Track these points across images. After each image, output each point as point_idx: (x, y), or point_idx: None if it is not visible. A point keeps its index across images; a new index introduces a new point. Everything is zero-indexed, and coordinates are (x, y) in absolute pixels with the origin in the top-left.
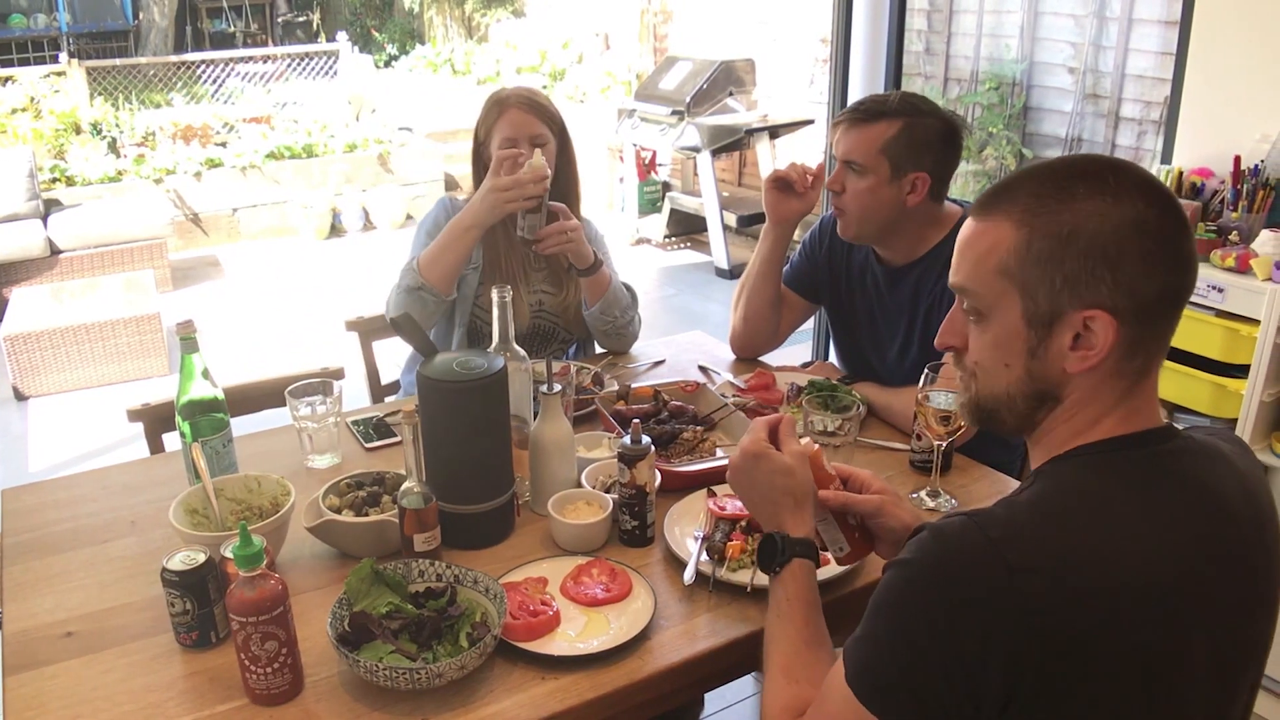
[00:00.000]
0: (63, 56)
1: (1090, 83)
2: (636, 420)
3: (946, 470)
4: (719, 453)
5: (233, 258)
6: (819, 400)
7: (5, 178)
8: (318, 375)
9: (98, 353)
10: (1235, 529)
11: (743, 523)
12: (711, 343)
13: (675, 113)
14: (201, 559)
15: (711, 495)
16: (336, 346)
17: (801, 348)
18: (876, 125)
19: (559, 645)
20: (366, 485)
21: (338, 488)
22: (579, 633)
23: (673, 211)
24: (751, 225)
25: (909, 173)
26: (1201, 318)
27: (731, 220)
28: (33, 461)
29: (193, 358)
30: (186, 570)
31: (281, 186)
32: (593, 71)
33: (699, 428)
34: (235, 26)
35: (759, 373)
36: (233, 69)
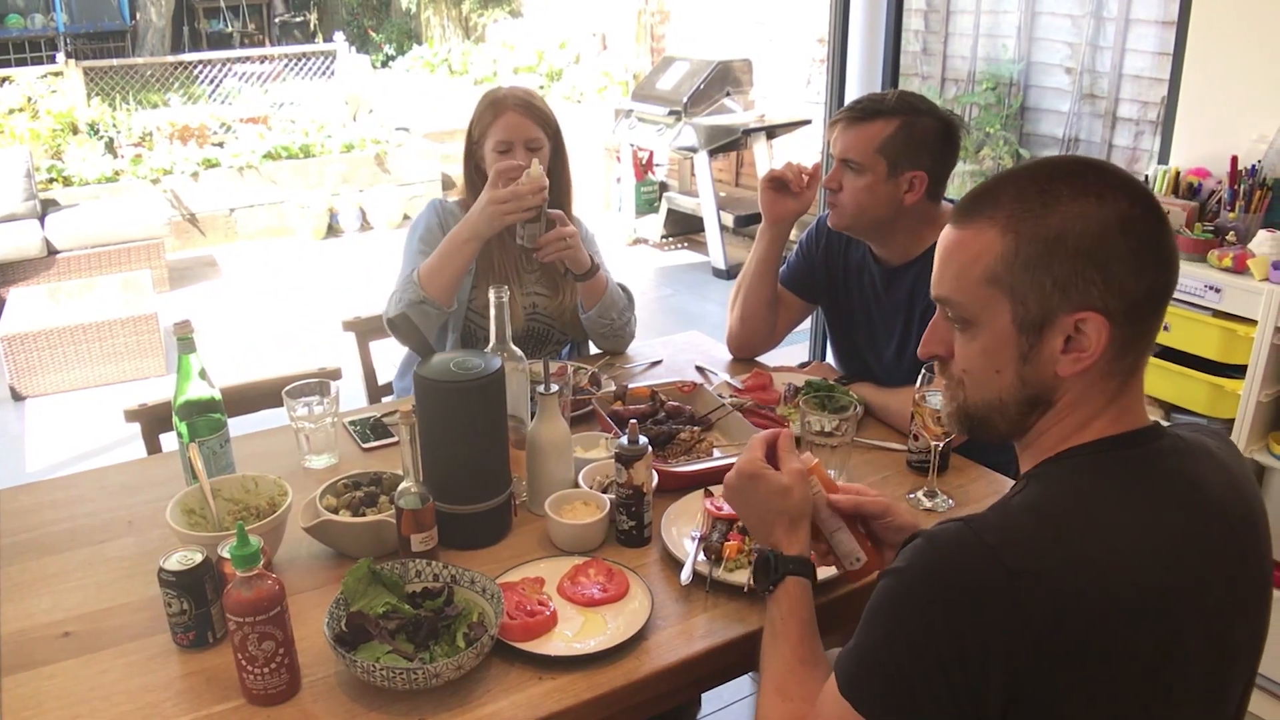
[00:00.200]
0: (60, 57)
1: (1087, 83)
2: (634, 420)
3: (944, 470)
4: (716, 453)
5: (230, 258)
6: (816, 400)
7: (2, 178)
8: (315, 375)
9: (95, 353)
10: (1227, 526)
11: (739, 523)
12: (709, 343)
13: (672, 113)
14: (199, 559)
15: (709, 495)
16: (334, 347)
17: (799, 348)
18: (874, 124)
19: (556, 645)
20: (364, 485)
21: (335, 488)
22: (576, 633)
23: (670, 212)
24: (749, 225)
25: (906, 171)
26: (1199, 318)
27: (729, 220)
28: (30, 462)
29: (190, 358)
30: (184, 570)
31: (279, 187)
32: (590, 72)
33: (696, 428)
34: (232, 27)
35: (756, 373)
36: (230, 69)
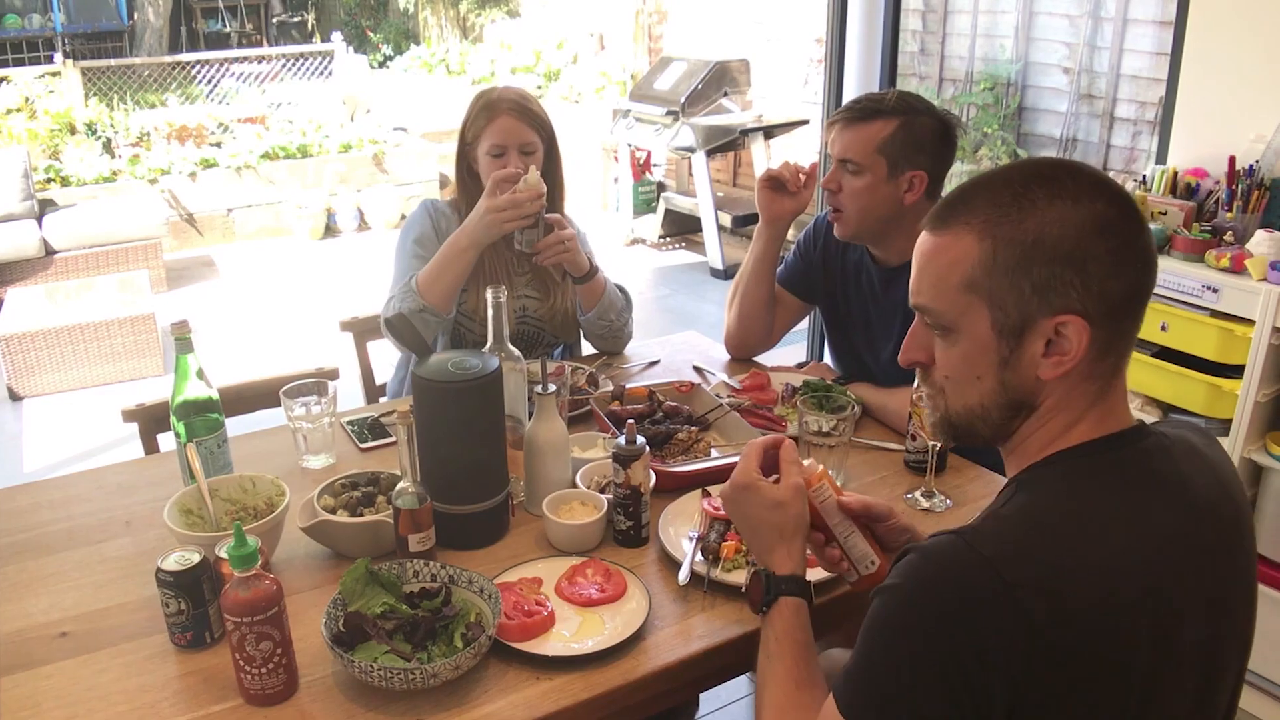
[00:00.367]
0: (57, 57)
1: (1085, 83)
2: (631, 420)
3: (941, 470)
4: (714, 453)
5: (227, 258)
6: (814, 400)
7: (0, 178)
8: (312, 375)
9: (92, 353)
10: (1216, 524)
11: None
12: (706, 343)
13: (670, 113)
14: (196, 559)
15: (706, 495)
16: (331, 347)
17: (796, 348)
18: (872, 124)
19: (553, 646)
20: (361, 485)
21: (332, 488)
22: (573, 633)
23: (667, 212)
24: (746, 225)
25: (906, 171)
26: (1196, 318)
27: (726, 220)
28: (27, 462)
29: (187, 358)
30: (181, 570)
31: (276, 187)
32: (587, 72)
33: (694, 428)
34: (230, 27)
35: (754, 373)
36: (227, 69)
